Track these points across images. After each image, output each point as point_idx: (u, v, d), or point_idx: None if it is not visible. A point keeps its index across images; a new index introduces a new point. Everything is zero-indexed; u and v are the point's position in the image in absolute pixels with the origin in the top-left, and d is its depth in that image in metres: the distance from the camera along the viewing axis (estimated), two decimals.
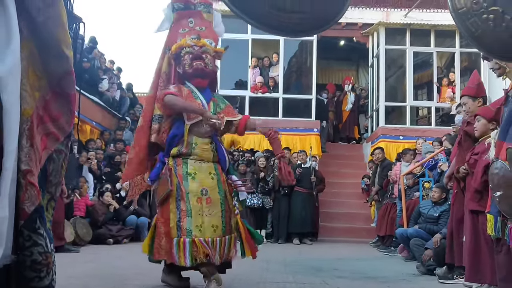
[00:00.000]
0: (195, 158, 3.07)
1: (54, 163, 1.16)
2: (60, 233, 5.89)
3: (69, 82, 1.15)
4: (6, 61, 0.95)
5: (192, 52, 3.05)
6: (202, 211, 2.96)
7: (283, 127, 10.16)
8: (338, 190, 9.79)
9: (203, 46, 3.08)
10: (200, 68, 3.05)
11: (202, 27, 3.20)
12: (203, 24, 3.23)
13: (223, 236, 3.01)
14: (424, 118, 11.17)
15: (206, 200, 2.99)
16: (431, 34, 10.73)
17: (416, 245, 5.72)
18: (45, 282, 1.08)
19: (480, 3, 1.96)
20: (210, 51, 3.12)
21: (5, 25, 0.97)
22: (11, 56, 0.96)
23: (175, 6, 3.26)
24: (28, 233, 1.04)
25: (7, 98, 0.95)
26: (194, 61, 3.04)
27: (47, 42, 1.07)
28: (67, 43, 1.11)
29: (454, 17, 2.12)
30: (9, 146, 0.97)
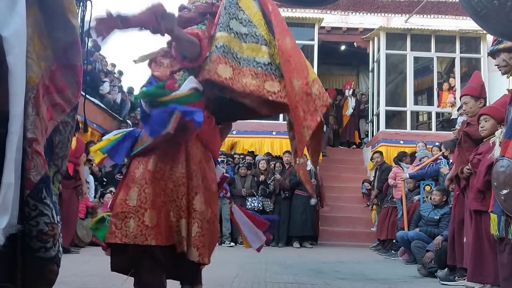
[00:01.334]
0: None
1: (61, 135, 1.16)
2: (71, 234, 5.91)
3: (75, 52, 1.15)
4: (12, 24, 0.94)
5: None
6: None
7: (284, 130, 10.13)
8: (339, 194, 9.79)
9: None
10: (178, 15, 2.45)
11: None
12: None
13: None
14: (424, 124, 11.19)
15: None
16: (432, 39, 10.78)
17: (417, 247, 5.73)
18: (51, 253, 1.07)
19: None
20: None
21: None
22: (17, 19, 0.96)
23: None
24: (34, 202, 1.03)
25: (13, 60, 0.94)
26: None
27: (52, 9, 1.07)
28: (73, 11, 1.11)
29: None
30: (15, 110, 0.96)
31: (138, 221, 1.91)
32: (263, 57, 2.29)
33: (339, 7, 11.53)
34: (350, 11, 11.59)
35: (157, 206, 1.98)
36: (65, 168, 1.20)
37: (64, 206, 5.93)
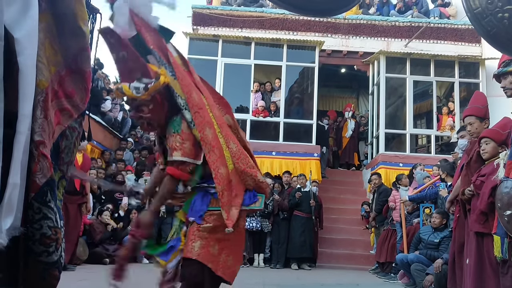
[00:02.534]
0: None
1: (67, 140, 1.16)
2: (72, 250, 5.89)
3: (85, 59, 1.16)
4: (24, 26, 0.96)
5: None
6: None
7: (284, 151, 10.19)
8: (338, 216, 9.74)
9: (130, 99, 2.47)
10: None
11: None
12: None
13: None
14: (423, 147, 11.22)
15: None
16: (431, 63, 10.90)
17: (417, 270, 5.68)
18: (54, 257, 1.06)
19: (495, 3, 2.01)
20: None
21: None
22: (29, 21, 0.97)
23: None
24: (38, 205, 1.03)
25: (24, 61, 0.95)
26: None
27: (64, 16, 1.08)
28: (84, 18, 1.13)
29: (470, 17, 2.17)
30: (24, 109, 0.97)
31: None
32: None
33: (339, 31, 11.70)
34: (351, 35, 11.75)
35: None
36: (69, 174, 1.20)
37: (70, 222, 5.93)
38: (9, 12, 0.92)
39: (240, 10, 11.73)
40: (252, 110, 10.65)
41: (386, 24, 11.73)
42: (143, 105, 2.38)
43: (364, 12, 12.21)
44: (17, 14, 0.94)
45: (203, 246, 2.44)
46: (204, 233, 2.46)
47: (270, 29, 11.50)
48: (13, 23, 0.93)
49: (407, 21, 11.74)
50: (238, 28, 11.43)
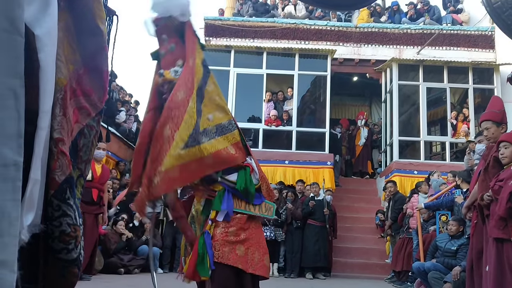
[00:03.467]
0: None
1: (85, 139, 1.17)
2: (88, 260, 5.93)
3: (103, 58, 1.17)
4: (44, 23, 0.98)
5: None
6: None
7: (296, 159, 10.17)
8: (352, 225, 9.66)
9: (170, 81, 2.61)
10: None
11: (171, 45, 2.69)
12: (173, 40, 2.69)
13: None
14: (438, 155, 11.10)
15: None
16: (444, 70, 10.83)
17: (434, 278, 5.58)
18: (73, 255, 1.07)
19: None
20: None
21: None
22: (49, 19, 0.99)
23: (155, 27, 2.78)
24: (57, 203, 1.04)
25: (45, 58, 0.97)
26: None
27: (82, 15, 1.10)
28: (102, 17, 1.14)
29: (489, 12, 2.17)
30: (44, 106, 0.98)
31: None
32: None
33: (351, 39, 11.71)
34: (362, 43, 11.74)
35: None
36: (87, 173, 1.21)
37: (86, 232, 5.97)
38: (29, 9, 0.94)
39: (251, 21, 11.81)
40: (264, 119, 10.67)
41: (398, 32, 11.70)
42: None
43: (376, 20, 12.21)
44: (37, 12, 0.96)
45: (231, 251, 2.64)
46: (231, 237, 2.66)
47: (282, 39, 11.55)
48: (33, 20, 0.95)
49: (419, 28, 11.69)
50: (250, 39, 11.49)
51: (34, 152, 0.94)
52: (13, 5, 0.90)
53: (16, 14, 0.90)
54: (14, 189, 0.84)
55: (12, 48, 0.88)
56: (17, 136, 0.85)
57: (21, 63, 0.89)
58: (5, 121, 0.85)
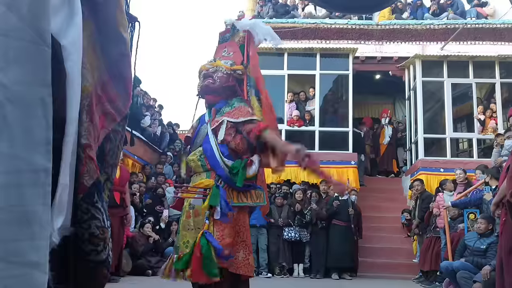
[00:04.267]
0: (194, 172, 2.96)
1: (111, 143, 1.21)
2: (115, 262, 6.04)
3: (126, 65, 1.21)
4: (69, 34, 1.02)
5: (206, 73, 3.04)
6: (190, 225, 2.78)
7: (320, 159, 10.10)
8: (378, 225, 9.55)
9: (217, 66, 3.05)
10: (205, 85, 3.01)
11: (230, 53, 3.22)
12: (233, 50, 3.26)
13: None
14: (465, 152, 10.88)
15: (194, 213, 2.79)
16: (470, 65, 10.61)
17: (463, 278, 5.48)
18: (102, 256, 1.11)
19: None
20: (223, 69, 3.04)
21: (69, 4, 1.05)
22: (74, 29, 1.03)
23: (219, 39, 3.37)
24: (86, 206, 1.08)
25: (71, 67, 1.01)
26: (204, 80, 3.03)
27: (106, 23, 1.14)
28: (124, 25, 1.18)
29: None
30: (72, 113, 1.02)
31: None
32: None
33: (373, 37, 11.59)
34: (384, 40, 11.61)
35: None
36: (114, 176, 1.24)
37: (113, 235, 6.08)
38: (55, 21, 0.98)
39: (272, 22, 11.79)
40: (287, 120, 10.66)
41: (421, 28, 11.52)
42: (216, 73, 2.99)
43: (397, 17, 12.05)
44: (63, 23, 1.01)
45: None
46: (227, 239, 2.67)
47: (303, 39, 11.52)
48: (59, 31, 1.00)
49: (442, 24, 11.49)
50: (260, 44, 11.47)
51: (62, 158, 0.98)
52: (40, 17, 0.94)
53: (43, 26, 0.94)
54: (45, 194, 0.88)
55: (39, 58, 0.92)
56: (46, 143, 0.89)
57: (48, 73, 0.93)
58: (34, 129, 0.89)
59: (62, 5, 1.02)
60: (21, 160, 0.87)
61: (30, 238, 0.85)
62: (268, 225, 8.44)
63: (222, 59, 3.13)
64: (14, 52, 0.91)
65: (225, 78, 3.03)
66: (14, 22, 0.91)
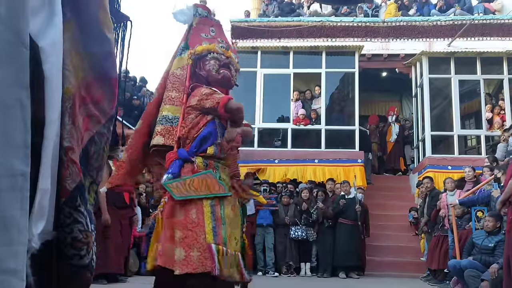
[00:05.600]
0: (224, 163, 2.80)
1: (96, 145, 1.19)
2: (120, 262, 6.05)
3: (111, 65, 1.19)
4: (48, 35, 1.00)
5: (219, 59, 2.89)
6: (231, 221, 2.67)
7: (326, 158, 10.08)
8: (385, 223, 9.48)
9: (230, 58, 2.95)
10: (227, 77, 2.90)
11: (222, 40, 3.06)
12: (224, 38, 3.11)
13: (236, 250, 2.67)
14: (473, 149, 10.77)
15: (233, 208, 2.71)
16: (477, 61, 10.49)
17: (471, 276, 5.42)
18: (85, 260, 1.09)
19: None
20: (235, 66, 2.98)
21: (49, 5, 1.03)
22: (53, 30, 1.02)
23: (198, 11, 3.10)
24: (69, 210, 1.06)
25: (49, 68, 0.99)
26: (222, 68, 2.88)
27: (88, 24, 1.13)
28: (109, 25, 1.16)
29: None
30: (50, 116, 1.00)
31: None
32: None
33: (379, 35, 11.51)
34: (391, 37, 11.53)
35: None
36: (100, 179, 1.23)
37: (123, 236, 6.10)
38: (34, 22, 0.97)
39: (277, 21, 11.79)
40: (293, 119, 10.62)
41: (427, 24, 11.42)
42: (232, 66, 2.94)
43: (404, 14, 11.96)
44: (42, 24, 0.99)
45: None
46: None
47: (308, 37, 11.47)
48: (38, 32, 0.98)
49: (449, 20, 11.38)
50: (276, 39, 11.47)
51: (41, 162, 0.96)
52: (19, 18, 0.93)
53: (21, 27, 0.93)
54: (22, 199, 0.87)
55: (17, 60, 0.91)
56: (24, 147, 0.88)
57: (26, 75, 0.91)
58: (12, 132, 0.87)
59: (41, 6, 1.00)
60: None
61: (8, 244, 0.84)
62: (275, 224, 8.43)
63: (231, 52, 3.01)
64: None
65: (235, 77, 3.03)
66: None
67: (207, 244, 2.51)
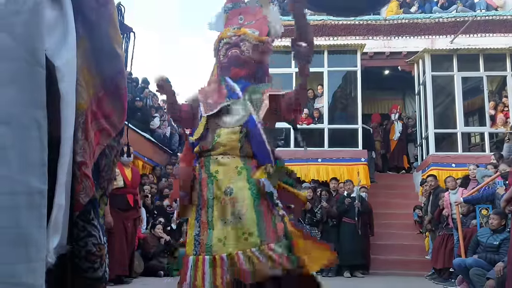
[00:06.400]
0: (218, 152, 2.51)
1: (107, 158, 1.22)
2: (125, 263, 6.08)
3: (121, 80, 1.22)
4: (63, 55, 1.03)
5: (230, 42, 2.70)
6: (226, 219, 2.37)
7: (329, 157, 10.08)
8: (389, 221, 9.49)
9: (243, 35, 2.71)
10: (234, 56, 2.66)
11: (251, 21, 2.87)
12: (254, 18, 2.90)
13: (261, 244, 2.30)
14: (477, 146, 10.76)
15: (231, 200, 2.39)
16: (480, 58, 10.47)
17: (476, 275, 5.43)
18: (99, 273, 1.12)
19: None
20: (251, 38, 2.70)
21: (63, 24, 1.06)
22: (68, 50, 1.05)
23: (225, 8, 3.02)
24: (83, 224, 1.09)
25: (65, 87, 1.02)
26: (230, 50, 2.69)
27: (100, 41, 1.15)
28: (119, 41, 1.19)
29: None
30: (66, 133, 1.03)
31: None
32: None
33: (381, 32, 11.49)
34: (393, 35, 11.51)
35: None
36: (110, 190, 1.25)
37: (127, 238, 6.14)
38: (50, 41, 0.99)
39: None
40: None
41: (429, 22, 11.40)
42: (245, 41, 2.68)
43: (405, 11, 11.93)
44: (57, 43, 1.02)
45: None
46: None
47: None
48: (53, 51, 1.01)
49: (451, 17, 11.35)
50: (277, 38, 11.44)
51: (57, 178, 0.99)
52: (34, 38, 0.95)
53: (37, 47, 0.95)
54: (40, 216, 0.89)
55: (33, 79, 0.93)
56: (41, 165, 0.90)
57: (43, 94, 0.94)
58: (29, 151, 0.90)
59: (56, 25, 1.03)
60: (16, 182, 0.88)
61: (26, 261, 0.86)
62: None
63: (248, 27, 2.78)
64: (8, 73, 0.91)
65: (254, 50, 2.70)
66: (8, 42, 0.92)
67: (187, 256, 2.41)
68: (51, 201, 0.98)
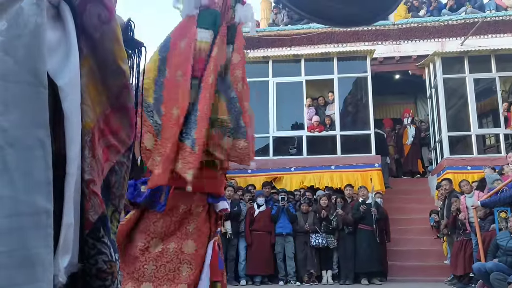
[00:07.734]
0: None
1: (117, 175, 1.22)
2: None
3: (127, 95, 1.22)
4: (66, 74, 1.04)
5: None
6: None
7: (343, 164, 10.02)
8: (406, 227, 9.37)
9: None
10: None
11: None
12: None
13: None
14: (492, 147, 10.60)
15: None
16: (492, 59, 10.36)
17: (497, 279, 5.32)
18: None
19: None
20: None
21: (65, 44, 1.07)
22: (70, 69, 1.05)
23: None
24: (92, 241, 1.09)
25: (68, 106, 1.03)
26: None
27: (104, 58, 1.16)
28: (123, 58, 1.19)
29: None
30: (72, 152, 1.03)
31: None
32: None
33: (390, 37, 11.46)
34: (402, 39, 11.46)
35: None
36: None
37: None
38: (52, 61, 1.00)
39: (287, 29, 11.82)
40: (307, 126, 10.60)
41: (439, 25, 11.34)
42: None
43: (414, 15, 11.89)
44: (59, 63, 1.03)
45: None
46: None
47: (319, 44, 11.47)
48: (55, 71, 1.01)
49: (461, 18, 11.28)
50: (286, 47, 11.50)
51: (65, 197, 0.99)
52: (36, 59, 0.96)
53: (38, 67, 0.96)
54: (46, 236, 0.89)
55: (36, 100, 0.94)
56: (46, 184, 0.90)
57: (45, 114, 0.94)
58: (34, 170, 0.90)
59: (58, 45, 1.04)
60: (22, 203, 0.88)
61: (32, 282, 0.86)
62: (294, 233, 8.40)
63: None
64: (12, 96, 0.93)
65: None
66: (11, 66, 0.93)
67: None
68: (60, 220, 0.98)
